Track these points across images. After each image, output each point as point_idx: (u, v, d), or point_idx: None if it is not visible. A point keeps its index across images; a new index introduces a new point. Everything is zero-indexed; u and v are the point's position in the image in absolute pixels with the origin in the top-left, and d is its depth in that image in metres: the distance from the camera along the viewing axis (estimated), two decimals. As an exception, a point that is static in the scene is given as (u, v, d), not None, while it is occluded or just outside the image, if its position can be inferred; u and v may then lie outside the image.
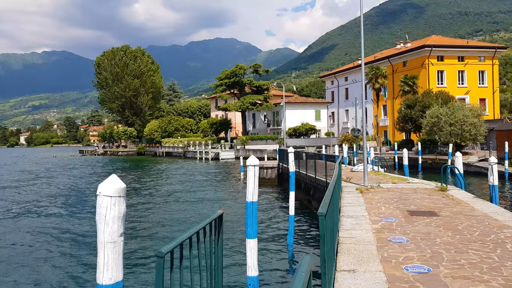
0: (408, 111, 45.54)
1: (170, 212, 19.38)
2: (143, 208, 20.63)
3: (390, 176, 18.42)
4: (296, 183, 24.80)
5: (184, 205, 21.24)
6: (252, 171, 6.72)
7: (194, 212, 19.15)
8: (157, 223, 16.70)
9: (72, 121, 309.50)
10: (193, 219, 17.09)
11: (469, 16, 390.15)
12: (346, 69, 78.56)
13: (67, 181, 35.99)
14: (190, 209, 20.03)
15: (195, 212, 18.96)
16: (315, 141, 62.42)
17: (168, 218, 17.81)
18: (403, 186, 14.71)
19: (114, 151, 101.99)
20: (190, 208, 20.25)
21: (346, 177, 16.95)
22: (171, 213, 18.97)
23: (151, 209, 20.37)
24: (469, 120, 36.69)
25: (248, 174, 6.78)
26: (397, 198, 11.87)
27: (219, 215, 4.41)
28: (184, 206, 20.79)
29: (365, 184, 14.51)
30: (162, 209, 20.25)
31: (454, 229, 7.83)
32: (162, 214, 18.78)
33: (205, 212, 18.83)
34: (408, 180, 16.48)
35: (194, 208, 20.09)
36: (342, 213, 9.58)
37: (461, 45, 60.77)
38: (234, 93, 75.47)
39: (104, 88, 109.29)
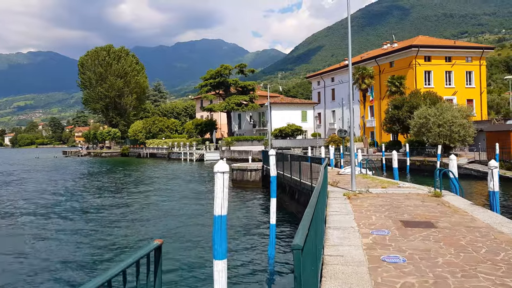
0: (395, 111, 44.79)
1: (122, 229, 16.13)
2: (94, 226, 16.90)
3: (379, 179, 17.42)
4: (280, 186, 23.78)
5: (144, 223, 17.41)
6: (221, 179, 5.60)
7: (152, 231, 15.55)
8: (101, 247, 13.54)
9: (58, 122, 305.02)
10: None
11: (454, 18, 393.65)
12: (333, 69, 77.84)
13: (37, 184, 34.50)
14: (151, 227, 16.46)
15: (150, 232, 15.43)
16: (301, 142, 61.45)
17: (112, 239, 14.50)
18: (394, 191, 13.69)
19: (98, 152, 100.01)
20: (152, 224, 17.36)
21: (333, 181, 15.90)
22: (121, 231, 15.73)
23: (106, 227, 16.64)
24: (458, 121, 35.98)
25: (215, 183, 5.66)
26: (388, 205, 10.83)
27: (156, 246, 3.28)
28: (143, 224, 17.10)
29: (353, 189, 13.47)
30: (116, 227, 16.73)
31: (456, 245, 6.78)
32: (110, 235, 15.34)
33: (164, 229, 15.70)
34: (398, 184, 15.48)
35: (155, 225, 16.81)
36: (328, 224, 8.51)
37: (448, 46, 60.38)
38: (220, 94, 74.21)
39: (88, 88, 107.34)
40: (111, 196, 25.98)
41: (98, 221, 17.83)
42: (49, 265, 11.34)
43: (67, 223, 17.51)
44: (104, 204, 22.60)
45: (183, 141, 74.07)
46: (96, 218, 18.62)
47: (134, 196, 26.00)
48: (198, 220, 17.37)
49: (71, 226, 16.93)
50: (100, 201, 23.89)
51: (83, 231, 15.84)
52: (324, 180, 10.79)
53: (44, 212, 20.46)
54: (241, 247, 12.40)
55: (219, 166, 5.64)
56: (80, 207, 22.11)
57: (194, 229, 15.56)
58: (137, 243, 13.66)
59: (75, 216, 19.28)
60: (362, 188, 13.99)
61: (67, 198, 25.47)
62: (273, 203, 10.85)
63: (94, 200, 24.69)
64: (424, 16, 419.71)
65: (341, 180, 17.03)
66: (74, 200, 24.66)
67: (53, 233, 15.52)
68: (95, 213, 19.84)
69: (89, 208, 21.50)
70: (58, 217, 19.07)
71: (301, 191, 17.69)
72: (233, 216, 17.61)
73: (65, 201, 24.32)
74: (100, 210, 20.70)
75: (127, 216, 18.74)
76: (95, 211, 20.58)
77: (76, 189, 31.13)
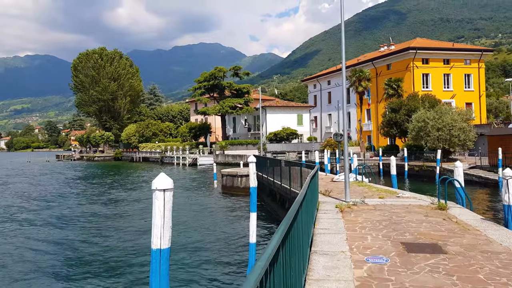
0: (392, 115, 43.37)
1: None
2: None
3: (376, 187, 15.93)
4: (270, 193, 22.31)
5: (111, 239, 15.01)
6: (160, 199, 4.11)
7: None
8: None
9: (54, 126, 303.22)
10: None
11: (450, 23, 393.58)
12: (329, 72, 76.45)
13: (16, 189, 32.88)
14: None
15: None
16: (297, 146, 59.98)
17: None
18: (392, 202, 12.22)
19: (91, 156, 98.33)
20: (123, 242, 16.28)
21: (325, 189, 14.39)
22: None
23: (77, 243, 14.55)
24: (458, 124, 34.55)
25: (153, 204, 4.17)
26: (387, 220, 9.35)
27: None
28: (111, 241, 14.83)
29: (347, 199, 11.98)
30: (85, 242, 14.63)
31: (474, 281, 5.31)
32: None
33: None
34: (397, 193, 14.01)
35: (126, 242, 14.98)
36: (315, 247, 7.03)
37: (447, 48, 59.08)
38: (214, 97, 72.74)
39: (81, 91, 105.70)
40: (84, 204, 24.44)
41: (65, 230, 16.30)
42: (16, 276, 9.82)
43: (34, 232, 15.98)
44: (75, 212, 21.07)
45: (176, 145, 72.50)
46: (63, 226, 17.09)
47: (103, 204, 24.47)
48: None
49: (36, 235, 15.40)
50: (72, 210, 22.34)
51: (44, 241, 14.31)
52: (311, 189, 9.31)
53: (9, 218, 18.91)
54: (218, 271, 10.88)
55: (158, 181, 4.15)
56: (51, 215, 20.56)
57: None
58: (101, 253, 12.14)
59: (42, 224, 17.74)
60: (357, 199, 12.52)
61: (41, 206, 23.90)
62: (252, 219, 9.35)
63: (67, 207, 23.14)
64: (420, 21, 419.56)
65: (335, 189, 15.55)
66: (47, 208, 23.09)
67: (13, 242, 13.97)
68: (62, 222, 18.31)
69: (59, 217, 19.95)
70: (25, 224, 17.52)
71: (291, 200, 16.22)
72: (216, 228, 16.11)
73: (39, 208, 22.75)
74: (69, 218, 19.15)
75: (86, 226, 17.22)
76: (62, 219, 19.04)
77: (54, 195, 29.54)
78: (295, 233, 4.73)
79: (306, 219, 6.75)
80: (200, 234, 15.23)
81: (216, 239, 14.44)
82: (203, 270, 10.60)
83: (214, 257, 11.89)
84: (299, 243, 5.31)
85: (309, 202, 7.60)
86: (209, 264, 11.08)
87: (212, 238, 14.48)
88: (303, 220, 6.06)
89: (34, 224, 18.11)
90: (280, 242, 3.06)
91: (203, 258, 11.76)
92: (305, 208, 6.37)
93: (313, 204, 9.40)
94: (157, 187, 4.09)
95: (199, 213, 20.20)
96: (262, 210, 20.44)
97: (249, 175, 9.63)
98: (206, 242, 13.88)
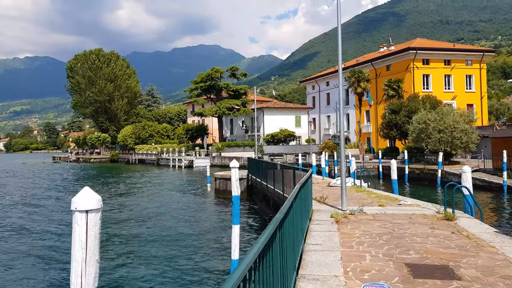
0: (392, 116, 42.27)
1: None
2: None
3: (376, 193, 14.79)
4: (264, 198, 21.18)
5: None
6: (83, 224, 2.99)
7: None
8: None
9: (52, 127, 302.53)
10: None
11: (450, 25, 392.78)
12: (328, 73, 75.32)
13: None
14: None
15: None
16: (295, 148, 58.86)
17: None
18: (394, 210, 11.10)
19: (86, 158, 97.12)
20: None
21: (320, 196, 13.25)
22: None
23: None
24: (460, 126, 33.44)
25: (73, 231, 3.04)
26: (388, 233, 8.24)
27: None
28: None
29: (344, 208, 10.86)
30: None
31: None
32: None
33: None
34: (399, 200, 12.88)
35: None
36: (303, 269, 5.92)
37: (448, 48, 57.99)
38: (211, 98, 71.64)
39: (77, 92, 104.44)
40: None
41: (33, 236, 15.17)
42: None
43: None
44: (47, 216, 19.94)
45: (172, 147, 71.36)
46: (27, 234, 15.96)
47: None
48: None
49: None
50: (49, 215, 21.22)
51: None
52: (302, 198, 8.22)
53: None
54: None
55: (80, 199, 3.02)
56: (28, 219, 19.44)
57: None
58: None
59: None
60: (355, 207, 11.40)
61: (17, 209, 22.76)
62: (235, 233, 8.22)
63: (45, 212, 22.01)
64: (420, 23, 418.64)
65: (331, 195, 14.44)
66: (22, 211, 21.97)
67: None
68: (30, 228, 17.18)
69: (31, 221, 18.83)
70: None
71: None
72: (202, 237, 14.98)
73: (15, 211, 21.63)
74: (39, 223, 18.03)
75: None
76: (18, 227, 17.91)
77: (38, 197, 28.40)
78: (275, 256, 3.66)
79: (293, 236, 5.67)
80: (182, 242, 14.10)
81: (198, 248, 13.32)
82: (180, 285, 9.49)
83: (192, 270, 10.76)
84: (282, 267, 4.22)
85: (297, 214, 6.51)
86: (186, 277, 9.96)
87: (194, 247, 13.35)
88: (288, 237, 4.99)
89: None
90: (247, 273, 2.16)
91: (181, 269, 10.64)
92: (290, 223, 5.29)
93: (305, 214, 8.31)
94: (77, 207, 2.98)
95: (186, 218, 19.07)
96: (255, 216, 19.34)
97: (232, 183, 8.52)
98: (186, 251, 12.75)
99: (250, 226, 16.99)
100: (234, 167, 8.49)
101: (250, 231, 15.98)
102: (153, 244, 14.10)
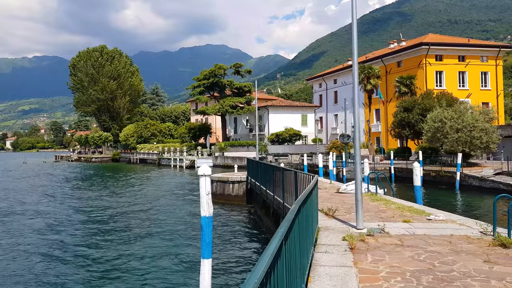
0: (405, 114, 39.56)
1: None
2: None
3: (396, 203, 12.13)
4: (264, 205, 18.64)
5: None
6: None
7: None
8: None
9: (59, 126, 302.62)
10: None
11: (458, 25, 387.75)
12: (335, 70, 72.66)
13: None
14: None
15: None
16: (300, 148, 56.24)
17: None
18: (424, 229, 8.52)
19: (88, 158, 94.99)
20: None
21: (329, 208, 10.65)
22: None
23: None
24: (480, 125, 30.72)
25: None
26: (428, 272, 5.68)
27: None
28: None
29: (359, 226, 8.32)
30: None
31: None
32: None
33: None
34: (426, 213, 10.28)
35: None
36: None
37: (462, 43, 55.02)
38: (214, 96, 69.17)
39: (80, 90, 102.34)
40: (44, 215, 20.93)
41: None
42: None
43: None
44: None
45: (173, 146, 68.98)
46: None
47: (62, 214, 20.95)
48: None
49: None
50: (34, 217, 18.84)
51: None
52: (307, 212, 5.76)
53: None
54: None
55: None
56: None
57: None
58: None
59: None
60: (372, 223, 8.86)
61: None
62: (205, 270, 5.69)
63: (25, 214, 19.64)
64: (428, 22, 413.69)
65: (341, 205, 11.87)
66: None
67: None
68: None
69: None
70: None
71: (285, 217, 12.61)
72: (189, 248, 12.50)
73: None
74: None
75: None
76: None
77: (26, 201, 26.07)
78: None
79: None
80: (163, 257, 11.63)
81: (179, 261, 10.84)
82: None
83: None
84: None
85: (294, 249, 4.09)
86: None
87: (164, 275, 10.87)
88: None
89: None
90: None
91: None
92: (281, 270, 2.97)
93: (307, 239, 5.83)
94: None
95: (176, 226, 16.59)
96: (254, 226, 16.85)
97: (201, 198, 6.01)
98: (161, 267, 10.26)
99: (247, 234, 14.52)
100: (205, 175, 5.99)
101: (248, 249, 13.49)
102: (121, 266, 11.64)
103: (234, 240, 14.45)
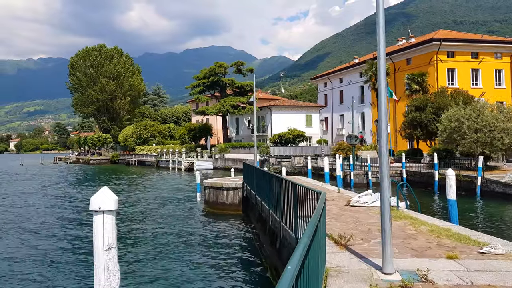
0: (417, 114, 36.73)
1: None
2: None
3: (427, 224, 9.27)
4: (260, 219, 15.93)
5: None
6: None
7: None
8: None
9: (63, 127, 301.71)
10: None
11: (464, 25, 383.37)
12: (341, 69, 69.82)
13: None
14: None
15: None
16: (305, 149, 53.46)
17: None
18: (484, 272, 5.77)
19: (86, 159, 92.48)
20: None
21: (340, 234, 7.87)
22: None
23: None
24: (501, 124, 27.90)
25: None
26: None
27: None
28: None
29: (387, 268, 5.59)
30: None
31: None
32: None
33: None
34: (477, 242, 7.50)
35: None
36: None
37: (475, 39, 52.15)
38: (215, 95, 66.50)
39: (79, 90, 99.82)
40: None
41: None
42: None
43: None
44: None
45: (172, 148, 66.39)
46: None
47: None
48: None
49: None
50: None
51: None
52: (313, 253, 2.98)
53: None
54: None
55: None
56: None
57: None
58: None
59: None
60: (403, 259, 6.13)
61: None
62: None
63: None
64: (433, 23, 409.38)
65: (355, 226, 9.13)
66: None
67: None
68: None
69: None
70: None
71: (282, 239, 9.95)
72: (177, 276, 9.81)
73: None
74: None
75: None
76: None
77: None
78: None
79: None
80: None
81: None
82: None
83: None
84: None
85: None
86: None
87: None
88: None
89: None
90: None
91: None
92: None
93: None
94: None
95: (157, 240, 13.88)
96: (248, 243, 14.16)
97: (95, 261, 3.31)
98: None
99: (239, 251, 11.82)
100: (103, 212, 3.26)
101: (241, 264, 10.79)
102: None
103: (223, 268, 11.77)
